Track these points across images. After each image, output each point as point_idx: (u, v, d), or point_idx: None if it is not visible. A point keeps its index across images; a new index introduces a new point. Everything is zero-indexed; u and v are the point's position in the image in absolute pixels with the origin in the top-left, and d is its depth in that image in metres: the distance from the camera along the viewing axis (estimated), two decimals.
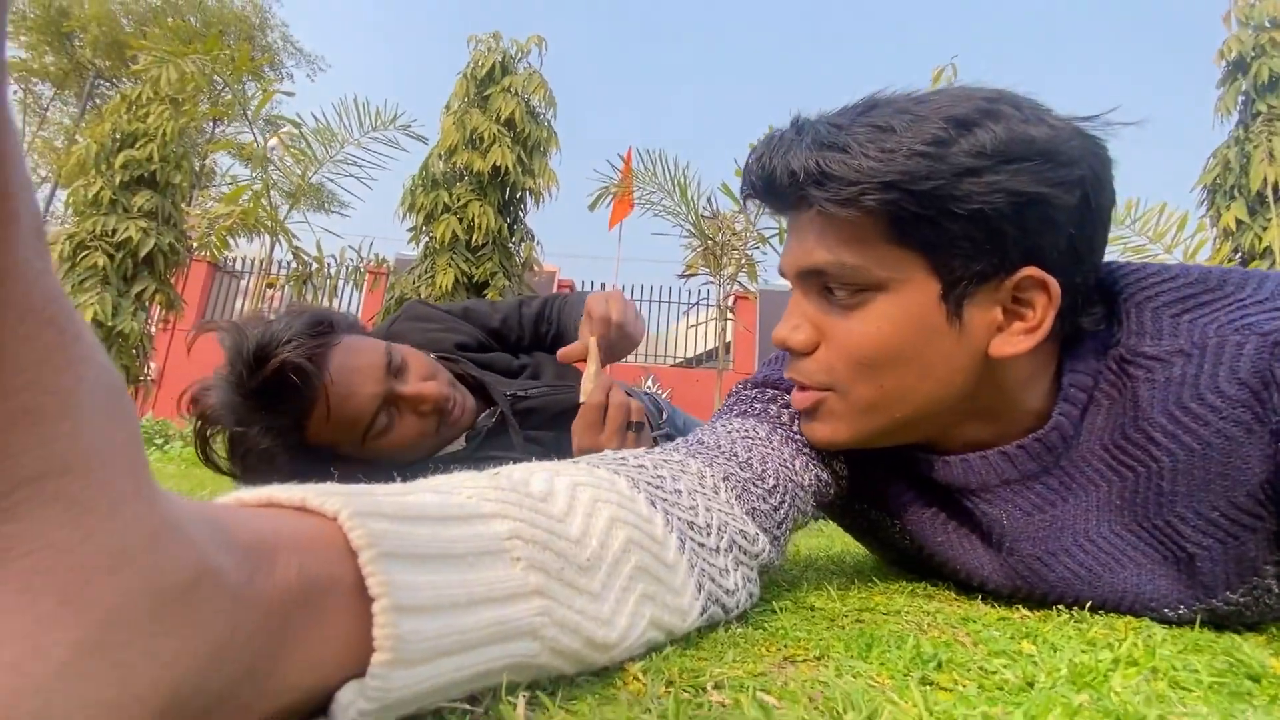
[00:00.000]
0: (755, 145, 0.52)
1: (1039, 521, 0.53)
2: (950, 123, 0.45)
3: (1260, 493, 0.45)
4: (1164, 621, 0.52)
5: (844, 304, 0.50)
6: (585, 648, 0.27)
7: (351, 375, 0.90)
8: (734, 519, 0.45)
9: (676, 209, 4.83)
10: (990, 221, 0.45)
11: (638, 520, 0.34)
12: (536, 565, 0.26)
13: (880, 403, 0.51)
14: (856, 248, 0.48)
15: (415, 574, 0.21)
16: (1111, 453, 0.50)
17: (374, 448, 0.94)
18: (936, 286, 0.47)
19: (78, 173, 5.03)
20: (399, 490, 0.24)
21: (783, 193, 0.49)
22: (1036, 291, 0.48)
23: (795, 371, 0.54)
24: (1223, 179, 5.31)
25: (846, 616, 0.50)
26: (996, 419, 0.53)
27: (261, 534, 0.18)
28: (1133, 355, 0.49)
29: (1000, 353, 0.49)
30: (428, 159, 5.26)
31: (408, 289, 4.97)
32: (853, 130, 0.46)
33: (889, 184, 0.44)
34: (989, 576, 0.57)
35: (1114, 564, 0.51)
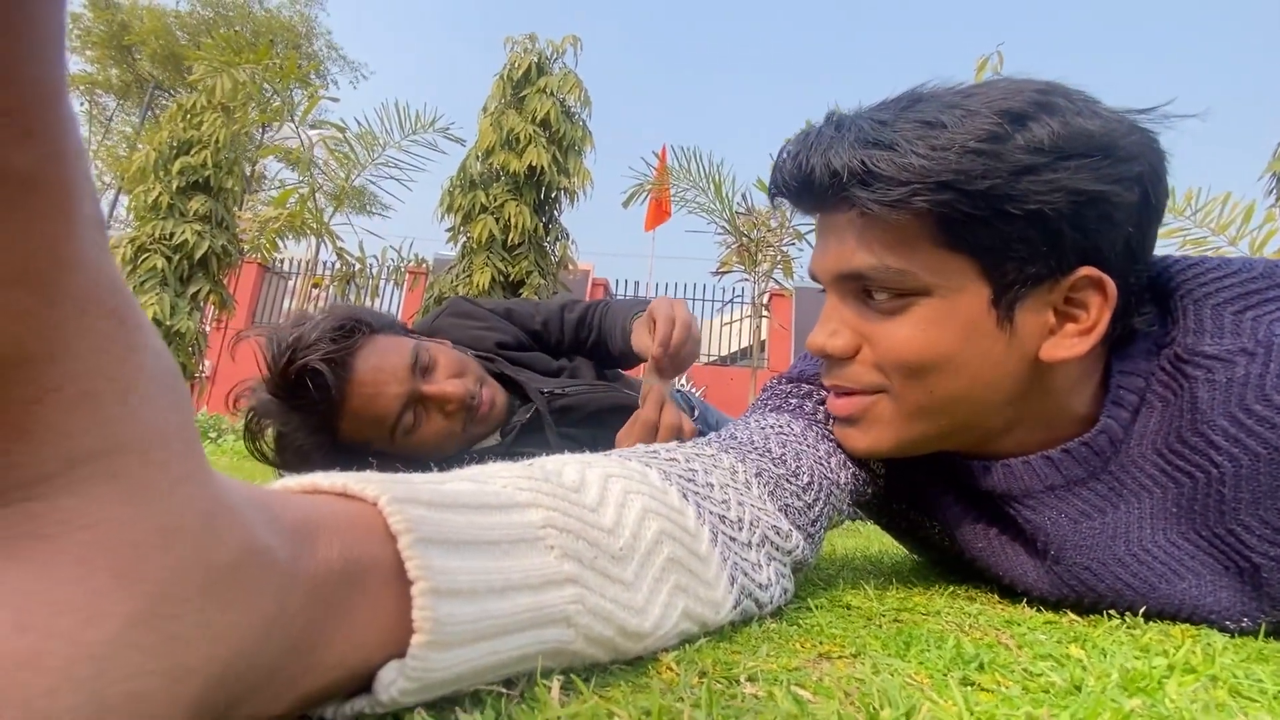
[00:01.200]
0: (788, 142, 0.51)
1: (1087, 529, 0.51)
2: (1004, 117, 0.42)
3: None
4: (1226, 633, 0.49)
5: (884, 308, 0.48)
6: (619, 636, 0.27)
7: (376, 375, 0.93)
8: (766, 514, 0.45)
9: (711, 206, 4.80)
10: (1048, 222, 0.43)
11: (670, 512, 0.34)
12: (570, 554, 0.26)
13: (929, 408, 0.49)
14: (902, 251, 0.45)
15: (452, 559, 0.21)
16: (1166, 457, 0.48)
17: (404, 444, 0.97)
18: (987, 291, 0.45)
19: (138, 179, 5.29)
20: (436, 479, 0.25)
21: (821, 193, 0.47)
22: (1091, 292, 0.46)
23: (838, 378, 0.52)
24: None
25: (884, 616, 0.49)
26: (1043, 424, 0.51)
27: (306, 516, 0.19)
28: (1190, 355, 0.47)
29: (1052, 356, 0.46)
30: (465, 160, 5.35)
31: (446, 288, 5.07)
32: (899, 126, 0.44)
33: (943, 184, 0.42)
34: (1034, 584, 0.55)
35: (1170, 575, 0.49)
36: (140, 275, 5.05)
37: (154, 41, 13.75)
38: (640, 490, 0.34)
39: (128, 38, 13.95)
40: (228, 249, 5.31)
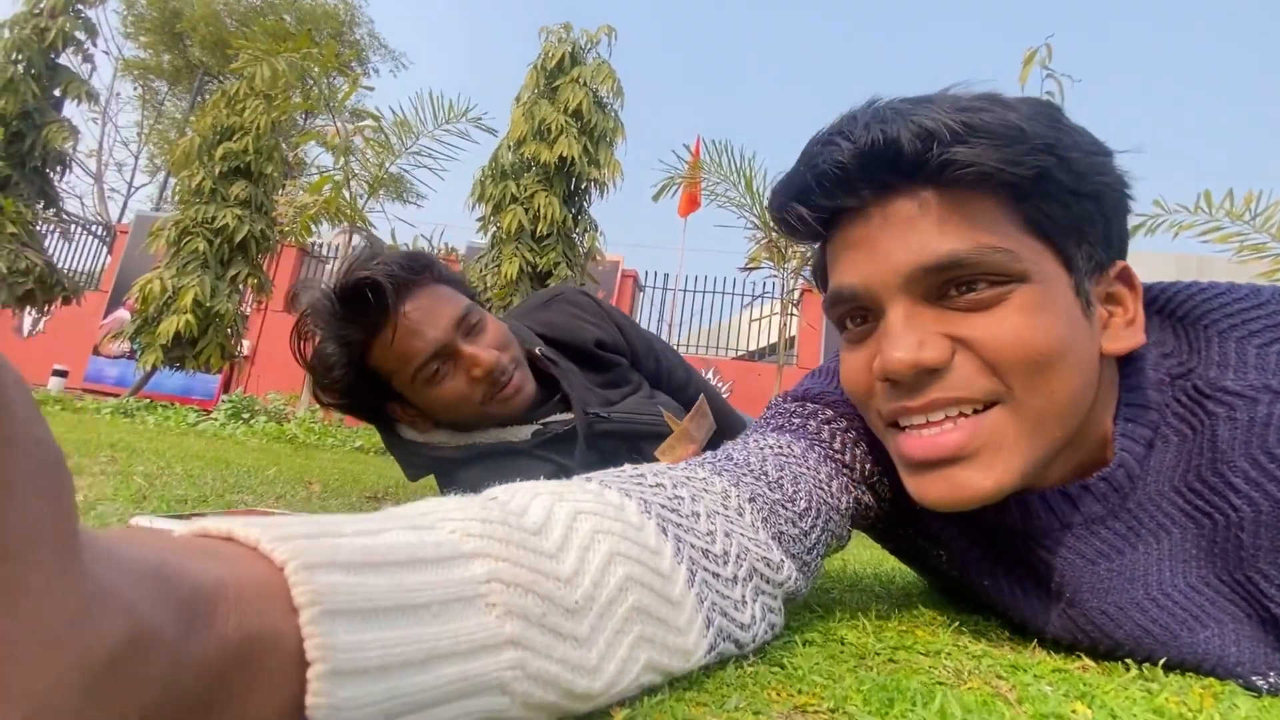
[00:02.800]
0: (826, 129, 0.44)
1: (1103, 571, 0.47)
2: (1050, 107, 0.43)
3: None
4: (1252, 689, 0.45)
5: (977, 303, 0.41)
6: (563, 699, 0.25)
7: (423, 314, 0.95)
8: (757, 545, 0.43)
9: (741, 200, 4.73)
10: (1103, 207, 0.43)
11: (641, 553, 0.32)
12: (515, 611, 0.24)
13: (1049, 416, 0.42)
14: (996, 231, 0.41)
15: (365, 631, 0.20)
16: (1185, 495, 0.44)
17: (421, 393, 0.98)
18: (1067, 278, 0.43)
19: (184, 164, 5.45)
20: (371, 528, 0.23)
21: (900, 164, 0.40)
22: (1124, 286, 0.46)
23: (938, 391, 0.42)
24: None
25: (879, 655, 0.46)
26: (1078, 445, 0.47)
27: (204, 584, 0.18)
28: (1212, 389, 0.43)
29: (1114, 349, 0.45)
30: (497, 150, 5.38)
31: (474, 277, 5.11)
32: (971, 99, 0.41)
33: (1049, 146, 0.40)
34: (1045, 626, 0.52)
35: (1193, 622, 0.45)
36: (183, 258, 5.22)
37: (204, 28, 14.13)
38: (611, 530, 0.32)
39: (179, 25, 14.37)
40: (266, 233, 5.45)
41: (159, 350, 5.07)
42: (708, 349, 9.14)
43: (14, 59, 6.07)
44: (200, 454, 1.57)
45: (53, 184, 6.40)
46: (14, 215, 5.75)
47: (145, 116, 16.48)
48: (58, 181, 6.46)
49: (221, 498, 0.87)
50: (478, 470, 1.00)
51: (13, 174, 5.99)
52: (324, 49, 5.09)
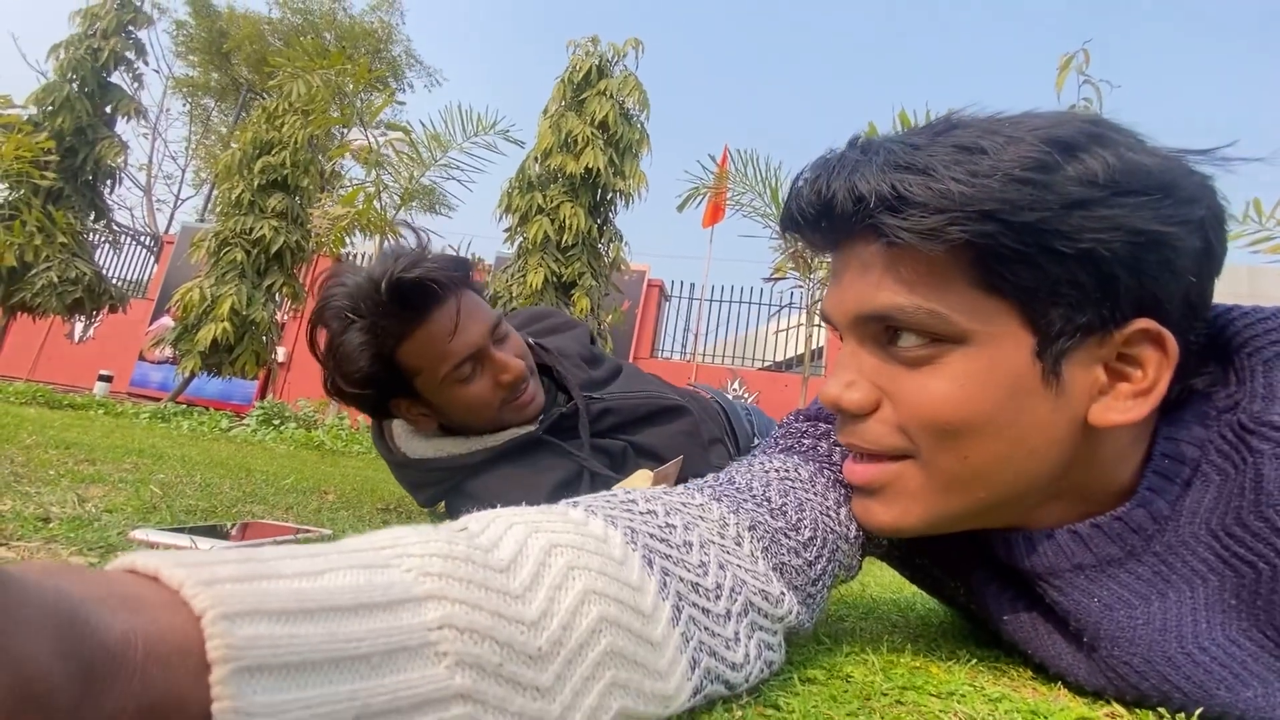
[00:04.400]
0: (805, 168, 0.45)
1: (1125, 619, 0.44)
2: (1053, 145, 0.37)
3: None
4: None
5: (912, 356, 0.42)
6: None
7: (466, 316, 0.98)
8: (755, 577, 0.41)
9: (766, 210, 4.70)
10: (1102, 264, 0.38)
11: (620, 591, 0.31)
12: (468, 661, 0.23)
13: (965, 479, 0.42)
14: (935, 290, 0.40)
15: (288, 690, 0.18)
16: (1223, 541, 0.41)
17: (445, 393, 1.00)
18: (1030, 340, 0.39)
19: (226, 177, 5.65)
20: (313, 567, 0.22)
21: (843, 221, 0.42)
22: (1149, 348, 0.40)
23: (855, 436, 0.45)
24: None
25: (885, 695, 0.43)
26: (1084, 498, 0.44)
27: (111, 642, 0.17)
28: (1257, 424, 0.40)
29: (1104, 421, 0.40)
30: (524, 162, 5.44)
31: (500, 288, 5.16)
32: (933, 151, 0.39)
33: (985, 213, 0.37)
34: (1069, 669, 0.48)
35: (1233, 681, 0.41)
36: (222, 267, 5.39)
37: (248, 46, 14.69)
38: (588, 565, 0.30)
39: (226, 44, 14.97)
40: (301, 244, 5.60)
41: (197, 356, 5.24)
42: (734, 359, 9.07)
43: (69, 78, 6.39)
44: (224, 461, 1.60)
45: (103, 196, 6.70)
46: (65, 226, 6.02)
47: (193, 131, 17.17)
48: (108, 194, 6.77)
49: (232, 509, 0.87)
50: (491, 476, 1.00)
51: (65, 187, 6.29)
52: (357, 65, 5.23)
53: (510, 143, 5.22)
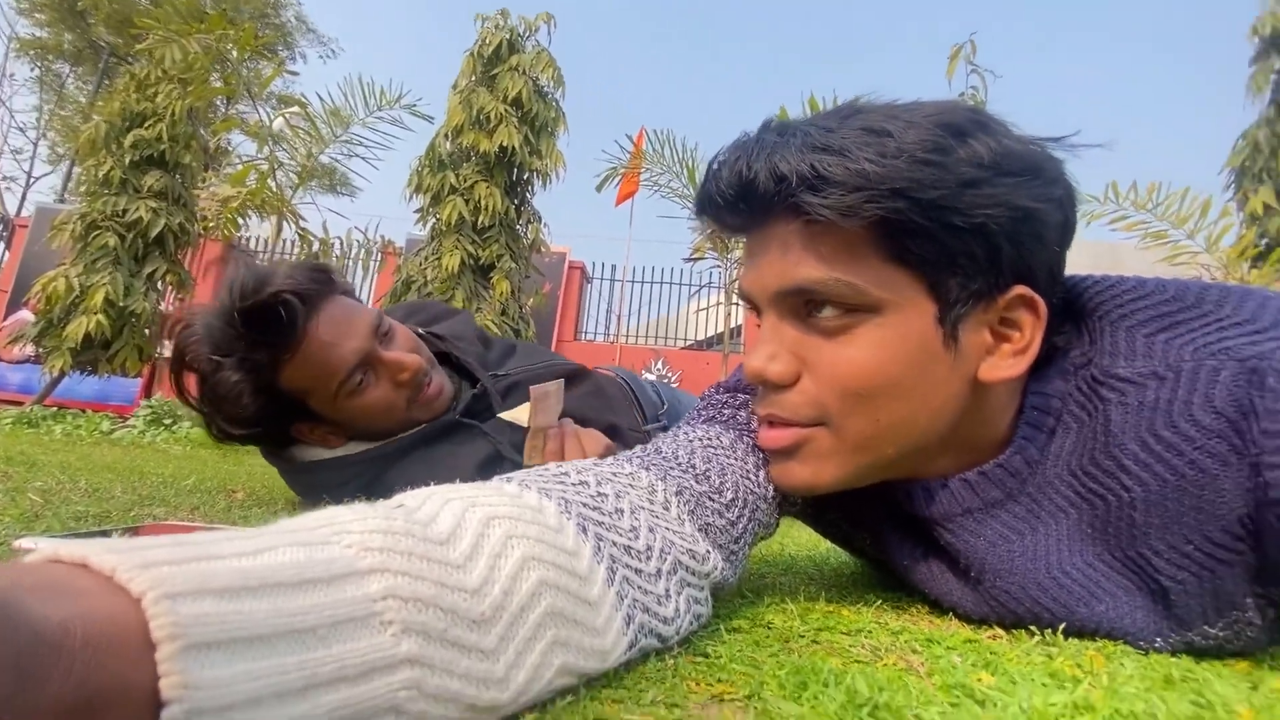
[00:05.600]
0: (720, 151, 0.48)
1: (1005, 552, 0.50)
2: (946, 130, 0.42)
3: (1237, 527, 0.42)
4: (1140, 651, 0.49)
5: (829, 327, 0.45)
6: (465, 713, 0.25)
7: (339, 325, 0.92)
8: (682, 538, 0.43)
9: (684, 191, 4.76)
10: (990, 237, 0.43)
11: (557, 556, 0.32)
12: (413, 628, 0.24)
13: (874, 438, 0.47)
14: (850, 264, 0.43)
15: (236, 663, 0.18)
16: (1080, 479, 0.47)
17: (344, 407, 0.95)
18: (933, 308, 0.44)
19: (90, 152, 5.05)
20: (251, 547, 0.22)
21: (764, 200, 0.44)
22: (1024, 311, 0.46)
23: (775, 406, 0.48)
24: (1252, 161, 5.14)
25: (802, 637, 0.48)
26: (969, 448, 0.50)
27: (45, 633, 0.16)
28: (1105, 377, 0.46)
29: (991, 377, 0.46)
30: (434, 139, 5.22)
31: (414, 271, 4.96)
32: (845, 133, 0.42)
33: (896, 191, 0.41)
34: (958, 603, 0.55)
35: (1088, 597, 0.49)
36: (91, 254, 4.85)
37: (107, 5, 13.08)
38: (526, 534, 0.31)
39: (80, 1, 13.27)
40: (185, 227, 5.12)
41: (67, 354, 4.71)
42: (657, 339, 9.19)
43: None
44: (112, 465, 1.47)
45: None
46: None
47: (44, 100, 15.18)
48: None
49: (129, 512, 0.81)
50: (411, 463, 0.98)
51: None
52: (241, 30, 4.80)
53: (418, 118, 4.98)
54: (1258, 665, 0.48)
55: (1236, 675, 0.45)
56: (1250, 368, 0.41)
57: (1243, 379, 0.41)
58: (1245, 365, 0.41)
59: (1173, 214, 4.24)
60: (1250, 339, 0.43)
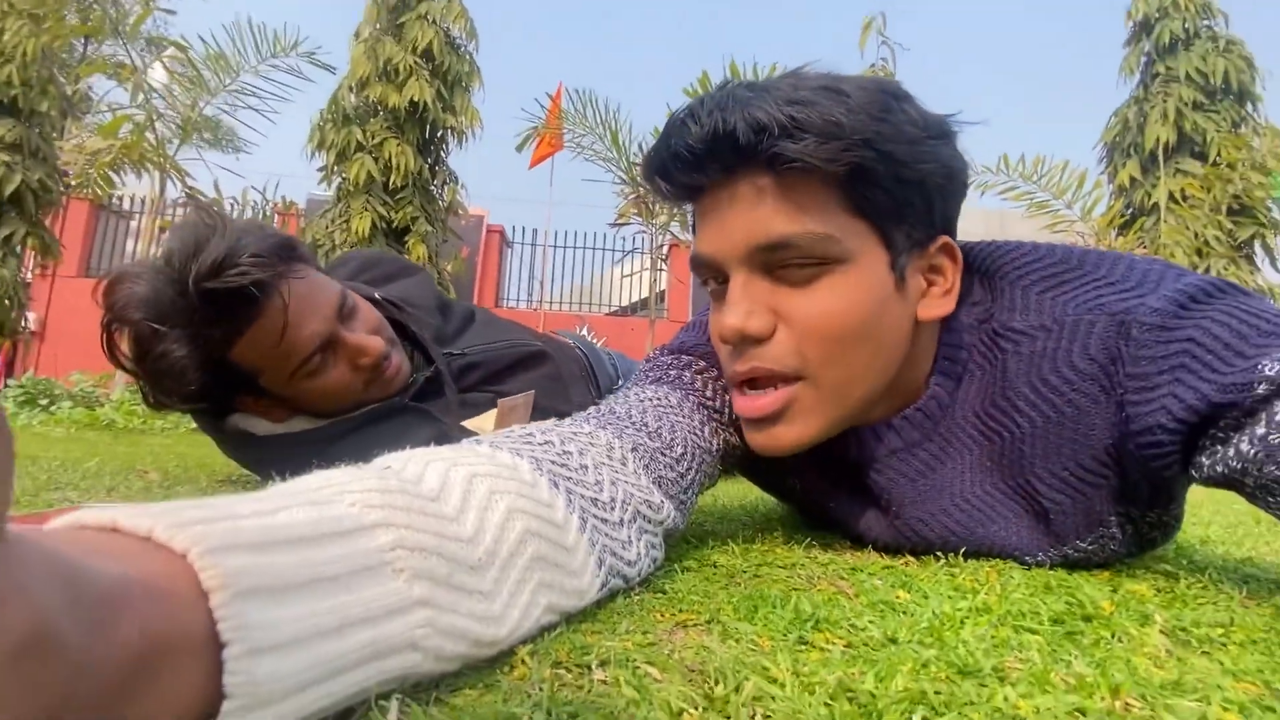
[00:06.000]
0: (680, 110, 0.49)
1: (921, 487, 0.57)
2: (888, 95, 0.47)
3: (1105, 455, 0.50)
4: (1026, 566, 0.58)
5: (799, 279, 0.48)
6: (472, 648, 0.27)
7: (304, 305, 0.87)
8: (640, 490, 0.47)
9: (608, 154, 4.71)
10: (927, 190, 0.48)
11: (537, 507, 0.35)
12: (421, 574, 0.25)
13: (850, 384, 0.50)
14: (821, 216, 0.46)
15: (278, 608, 0.20)
16: (982, 419, 0.55)
17: (299, 387, 0.92)
18: (885, 256, 0.49)
19: None
20: (267, 507, 0.23)
21: (740, 151, 0.45)
22: (946, 258, 0.52)
23: (758, 360, 0.49)
24: (1121, 137, 5.68)
25: (745, 573, 0.53)
26: (898, 393, 0.55)
27: (106, 585, 0.17)
28: (1004, 330, 0.53)
29: (928, 315, 0.52)
30: (337, 92, 4.87)
31: (320, 234, 4.67)
32: (810, 91, 0.45)
33: (865, 141, 0.44)
34: (878, 536, 0.62)
35: (985, 519, 0.57)
36: None
37: None
38: (507, 489, 0.34)
39: None
40: (46, 184, 4.55)
41: None
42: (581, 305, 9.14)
43: None
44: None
45: None
46: None
47: None
48: None
49: (36, 498, 0.76)
50: (356, 443, 0.96)
51: None
52: None
53: (318, 68, 4.62)
54: (1116, 574, 0.57)
55: (1100, 581, 0.54)
56: (1119, 321, 0.48)
57: (1113, 330, 0.49)
58: (1115, 319, 0.49)
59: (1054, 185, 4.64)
60: (1119, 296, 0.50)
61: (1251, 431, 0.41)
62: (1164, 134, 5.28)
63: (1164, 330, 0.46)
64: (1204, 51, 5.33)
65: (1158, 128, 5.31)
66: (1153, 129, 5.35)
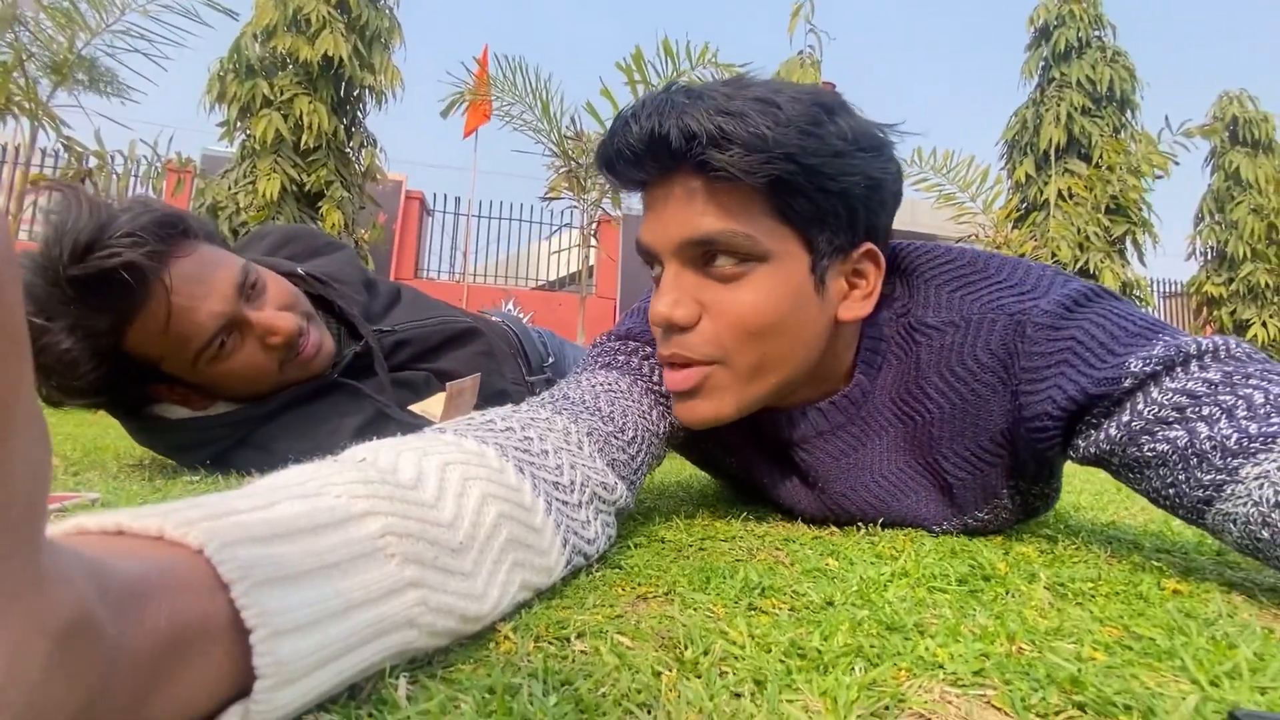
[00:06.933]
0: (627, 109, 0.52)
1: (845, 465, 0.63)
2: (820, 107, 0.49)
3: (1000, 436, 0.57)
4: (933, 534, 0.65)
5: (725, 275, 0.51)
6: (460, 624, 0.29)
7: (196, 286, 0.81)
8: (596, 472, 0.49)
9: (538, 125, 4.60)
10: (851, 200, 0.51)
11: (507, 492, 0.36)
12: (411, 558, 0.27)
13: (762, 369, 0.54)
14: (745, 218, 0.50)
15: (290, 595, 0.21)
16: (898, 404, 0.61)
17: (205, 372, 0.86)
18: (807, 259, 0.52)
19: None
20: (263, 501, 0.24)
21: (674, 155, 0.48)
22: (869, 263, 0.56)
23: (679, 347, 0.54)
24: (1020, 136, 6.13)
25: (691, 546, 0.56)
26: (822, 380, 0.61)
27: (133, 581, 0.18)
28: (919, 324, 0.59)
29: (847, 317, 0.56)
30: (239, 40, 4.47)
31: (222, 195, 4.32)
32: (743, 102, 0.47)
33: (788, 155, 0.47)
34: (805, 509, 0.68)
35: (899, 493, 0.63)
36: None
37: None
38: (479, 475, 0.35)
39: None
40: None
41: None
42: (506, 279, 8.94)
43: None
44: None
45: None
46: None
47: None
48: None
49: None
50: (282, 425, 0.91)
51: None
52: None
53: (218, 12, 4.21)
54: (1008, 539, 0.66)
55: (995, 546, 0.61)
56: (1016, 321, 0.55)
57: (1010, 329, 0.55)
58: (1013, 319, 0.55)
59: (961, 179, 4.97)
60: (1017, 298, 0.57)
61: (1119, 419, 0.49)
62: (1056, 135, 5.76)
63: (1052, 330, 0.53)
64: (1094, 60, 5.83)
65: (1051, 129, 5.78)
66: (1047, 130, 5.82)
